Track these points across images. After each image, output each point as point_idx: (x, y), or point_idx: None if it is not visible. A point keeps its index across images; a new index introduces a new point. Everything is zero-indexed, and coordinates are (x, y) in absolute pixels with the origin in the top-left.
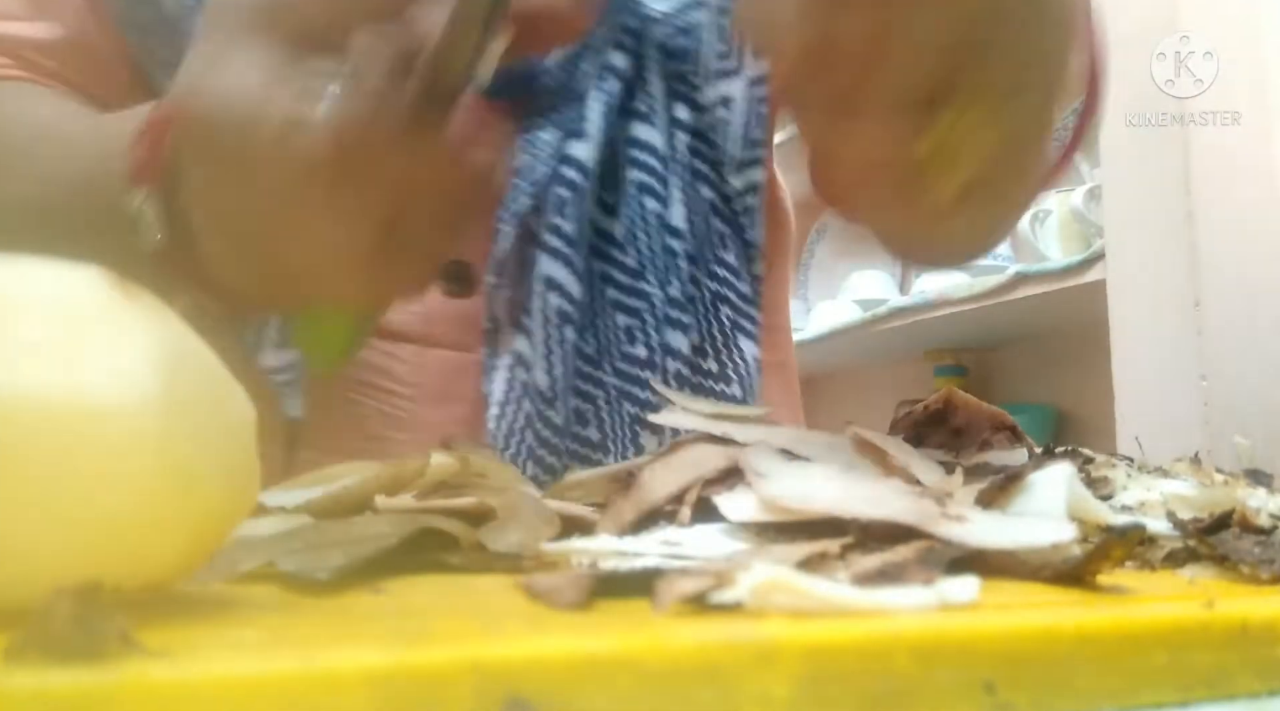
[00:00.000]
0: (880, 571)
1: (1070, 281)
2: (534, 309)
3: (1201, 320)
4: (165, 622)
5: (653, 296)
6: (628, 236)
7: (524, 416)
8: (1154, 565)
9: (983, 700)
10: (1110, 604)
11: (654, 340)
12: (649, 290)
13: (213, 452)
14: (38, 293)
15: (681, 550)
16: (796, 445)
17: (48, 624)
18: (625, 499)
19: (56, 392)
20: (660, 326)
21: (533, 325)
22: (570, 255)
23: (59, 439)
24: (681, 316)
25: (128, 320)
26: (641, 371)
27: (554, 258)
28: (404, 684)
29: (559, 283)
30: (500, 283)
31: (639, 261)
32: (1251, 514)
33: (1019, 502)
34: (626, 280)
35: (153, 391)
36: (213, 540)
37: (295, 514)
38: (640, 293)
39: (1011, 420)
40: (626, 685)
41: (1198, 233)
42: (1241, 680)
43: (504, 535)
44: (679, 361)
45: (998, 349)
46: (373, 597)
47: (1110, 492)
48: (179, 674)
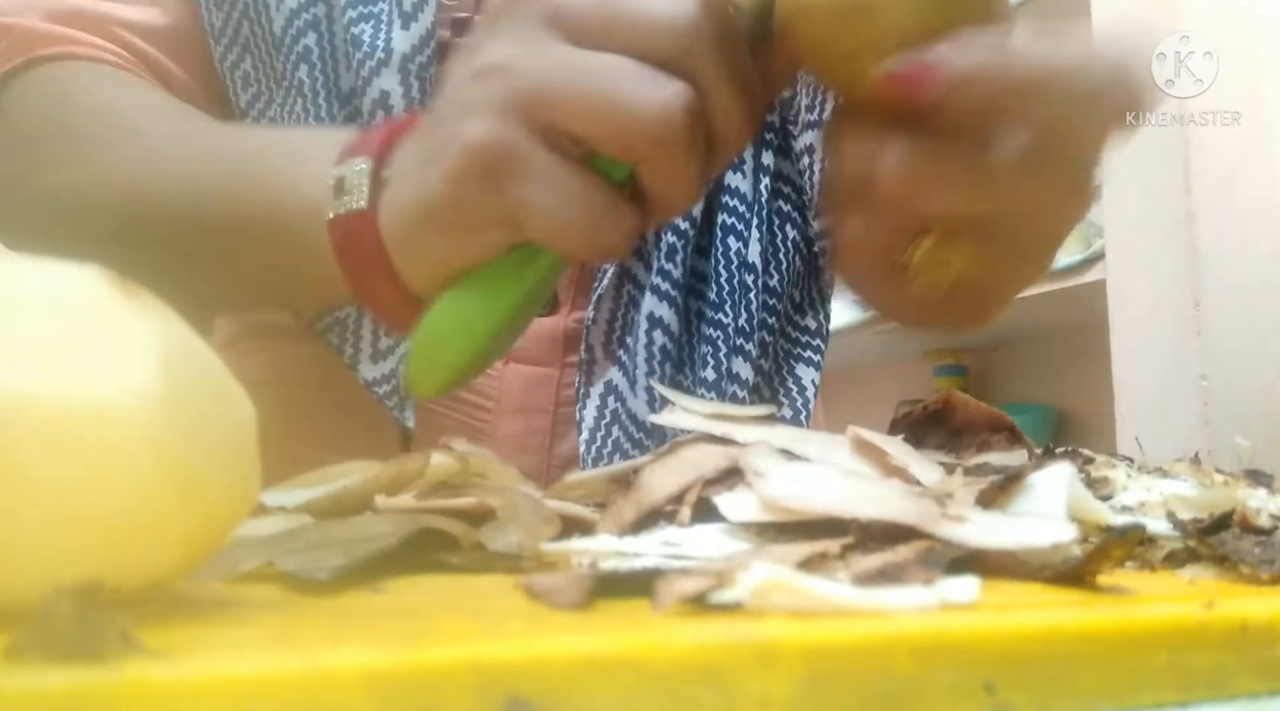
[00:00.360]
0: (880, 571)
1: (1070, 281)
2: (633, 344)
3: (1201, 320)
4: (165, 622)
5: (728, 326)
6: (713, 273)
7: (612, 443)
8: (1154, 565)
9: (983, 700)
10: (1110, 604)
11: (723, 366)
12: (725, 321)
13: (213, 452)
14: (38, 293)
15: (681, 550)
16: (796, 445)
17: (48, 624)
18: (625, 499)
19: (56, 392)
20: (730, 354)
21: (630, 359)
22: (675, 296)
23: (59, 439)
24: (746, 345)
25: (128, 320)
26: (708, 394)
27: (661, 299)
28: (404, 684)
29: (665, 322)
30: (598, 317)
31: (718, 296)
32: (1251, 514)
33: (1019, 503)
34: (711, 313)
35: (153, 391)
36: (213, 540)
37: (295, 514)
38: (718, 323)
39: (1011, 420)
40: (626, 685)
41: (1198, 233)
42: (1241, 680)
43: (504, 535)
44: (738, 386)
45: (998, 349)
46: (373, 597)
47: (1110, 493)
48: (179, 674)
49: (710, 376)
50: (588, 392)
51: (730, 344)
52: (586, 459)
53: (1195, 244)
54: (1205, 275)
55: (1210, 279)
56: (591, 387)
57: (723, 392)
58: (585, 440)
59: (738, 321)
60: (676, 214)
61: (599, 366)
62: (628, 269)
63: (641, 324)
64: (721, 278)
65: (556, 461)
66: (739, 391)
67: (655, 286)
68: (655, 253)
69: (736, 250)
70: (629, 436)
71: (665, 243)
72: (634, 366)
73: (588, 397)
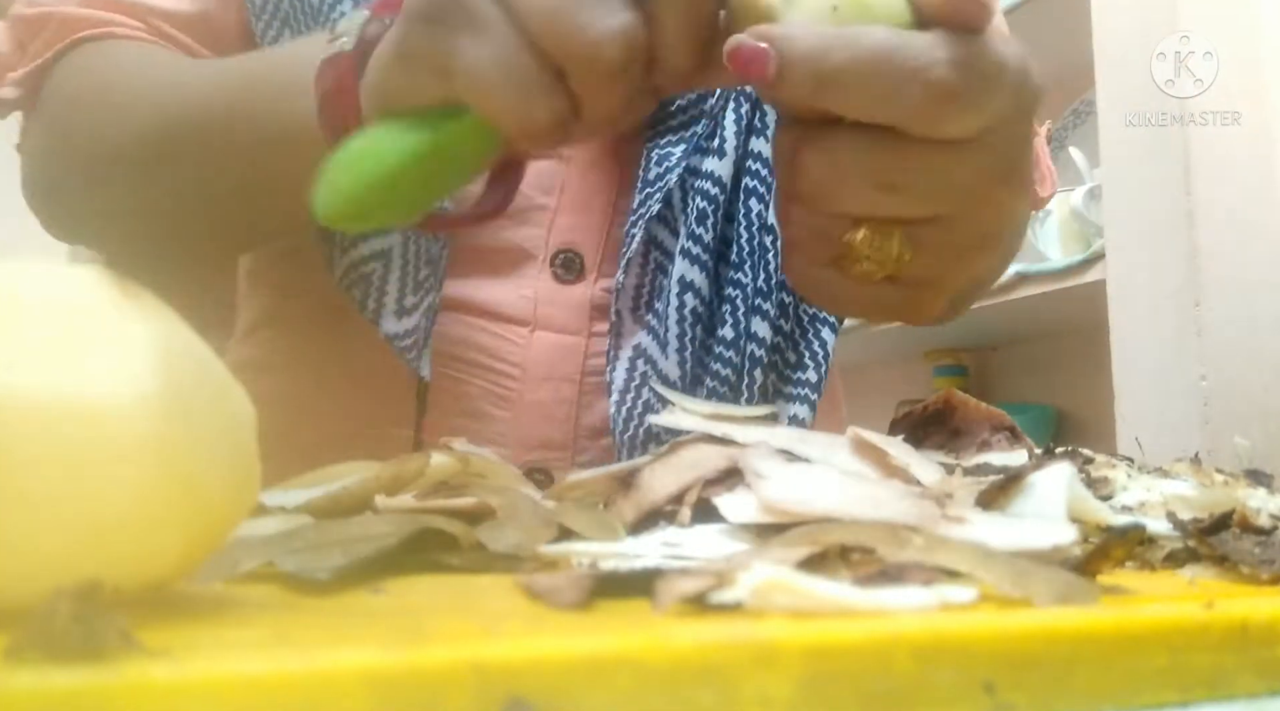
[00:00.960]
0: (880, 571)
1: (1070, 281)
2: (663, 308)
3: (1201, 320)
4: (165, 622)
5: (746, 286)
6: (735, 235)
7: (642, 404)
8: (1154, 565)
9: (983, 700)
10: (1110, 604)
11: (741, 325)
12: (744, 280)
13: (213, 452)
14: (38, 293)
15: (681, 550)
16: (796, 446)
17: (48, 624)
18: (625, 499)
19: (56, 392)
20: (748, 313)
21: (659, 323)
22: (706, 260)
23: (59, 439)
24: (764, 304)
25: (128, 320)
26: (725, 351)
27: (692, 263)
28: (404, 684)
29: (695, 285)
30: (626, 282)
31: (738, 256)
32: (1251, 514)
33: (1019, 503)
34: (732, 274)
35: (153, 391)
36: (213, 540)
37: (295, 514)
38: (737, 282)
39: (1011, 420)
40: (626, 685)
41: (1198, 233)
42: (1241, 680)
43: (503, 535)
44: (755, 344)
45: (998, 349)
46: (372, 597)
47: (1110, 493)
48: (179, 674)
49: (729, 335)
50: (617, 355)
51: (749, 303)
52: (617, 419)
53: (1195, 244)
54: (1205, 275)
55: (1210, 279)
56: (621, 351)
57: (741, 351)
58: (615, 402)
59: (756, 282)
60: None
61: (627, 330)
62: (654, 235)
63: (673, 287)
64: (743, 239)
65: (584, 431)
66: (757, 350)
67: (686, 250)
68: (683, 218)
69: (758, 212)
70: (657, 396)
71: (695, 207)
72: (665, 330)
73: (617, 360)
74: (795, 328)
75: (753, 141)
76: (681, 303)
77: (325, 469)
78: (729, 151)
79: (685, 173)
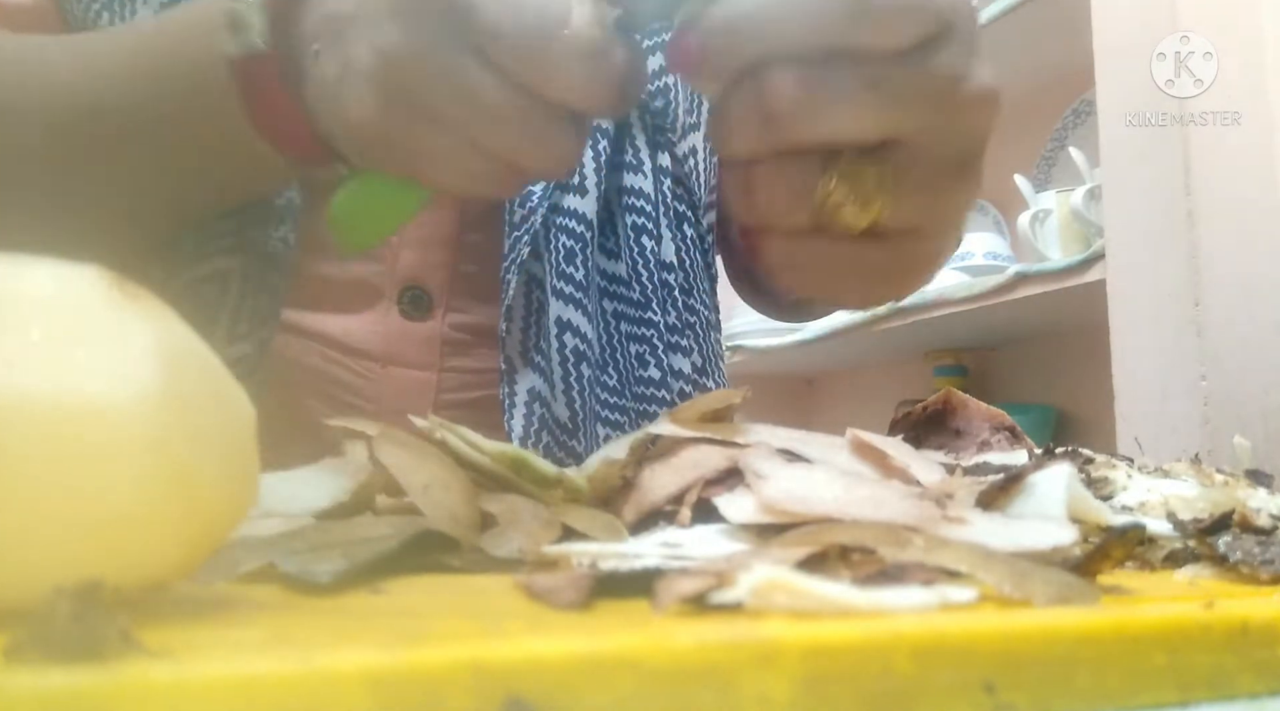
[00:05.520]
0: (880, 571)
1: (1070, 281)
2: (549, 349)
3: (1201, 320)
4: (165, 622)
5: (659, 324)
6: (631, 274)
7: (543, 448)
8: (1154, 565)
9: (983, 700)
10: (1110, 604)
11: (664, 363)
12: (655, 319)
13: (213, 452)
14: (38, 293)
15: (681, 550)
16: (796, 446)
17: (48, 623)
18: (625, 499)
19: (56, 392)
20: (667, 351)
21: (547, 364)
22: (581, 298)
23: (59, 439)
24: (681, 341)
25: (128, 320)
26: (657, 392)
27: (566, 302)
28: (403, 684)
29: (573, 325)
30: (511, 327)
31: (643, 295)
32: (1251, 514)
33: (1019, 503)
34: (635, 313)
35: (153, 391)
36: (213, 540)
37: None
38: (648, 322)
39: (1011, 420)
40: (626, 685)
41: (1198, 233)
42: (1241, 680)
43: (506, 541)
44: (683, 381)
45: (998, 349)
46: (372, 598)
47: (1110, 493)
48: (179, 674)
49: (655, 375)
50: (513, 401)
51: (665, 340)
52: None
53: (1195, 244)
54: (1205, 275)
55: (1210, 279)
56: (515, 395)
57: (670, 389)
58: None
59: (668, 319)
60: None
61: (520, 374)
62: (534, 275)
63: (551, 329)
64: (642, 277)
65: None
66: (685, 386)
67: (559, 290)
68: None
69: (651, 249)
70: (556, 440)
71: (561, 246)
72: (551, 371)
73: (514, 406)
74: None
75: (626, 177)
76: (562, 343)
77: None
78: (590, 188)
79: (549, 211)
